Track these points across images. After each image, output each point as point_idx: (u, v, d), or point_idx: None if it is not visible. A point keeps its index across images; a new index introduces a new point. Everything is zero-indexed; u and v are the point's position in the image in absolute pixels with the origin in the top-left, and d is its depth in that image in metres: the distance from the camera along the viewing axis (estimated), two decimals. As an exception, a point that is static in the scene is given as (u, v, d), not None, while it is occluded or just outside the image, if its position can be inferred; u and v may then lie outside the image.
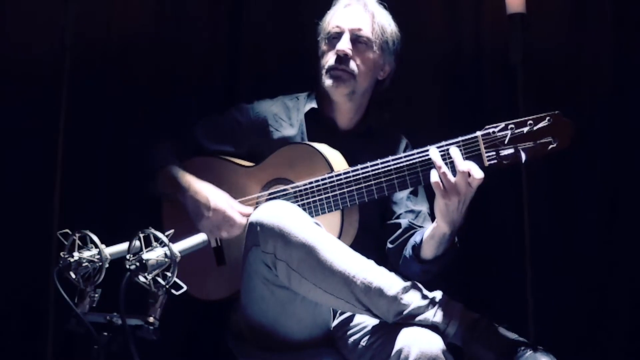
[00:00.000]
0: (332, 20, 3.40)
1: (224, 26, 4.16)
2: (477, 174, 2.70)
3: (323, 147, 3.16)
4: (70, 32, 3.67)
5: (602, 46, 4.18)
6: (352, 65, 3.30)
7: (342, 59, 3.29)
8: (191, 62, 4.09)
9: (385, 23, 3.43)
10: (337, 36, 3.34)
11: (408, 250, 3.11)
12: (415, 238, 3.10)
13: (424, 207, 3.35)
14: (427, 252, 2.99)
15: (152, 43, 4.07)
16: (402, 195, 3.34)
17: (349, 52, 3.30)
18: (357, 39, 3.33)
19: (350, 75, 3.29)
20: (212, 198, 3.16)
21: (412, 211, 3.30)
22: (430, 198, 3.07)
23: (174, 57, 4.09)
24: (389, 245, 3.28)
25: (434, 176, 2.75)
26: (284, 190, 3.14)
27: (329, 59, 3.32)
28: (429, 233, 2.96)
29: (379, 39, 3.38)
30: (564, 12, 4.24)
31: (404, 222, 3.27)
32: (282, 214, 2.75)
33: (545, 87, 4.08)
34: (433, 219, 2.92)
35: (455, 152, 2.76)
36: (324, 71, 3.33)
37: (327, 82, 3.30)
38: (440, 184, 2.73)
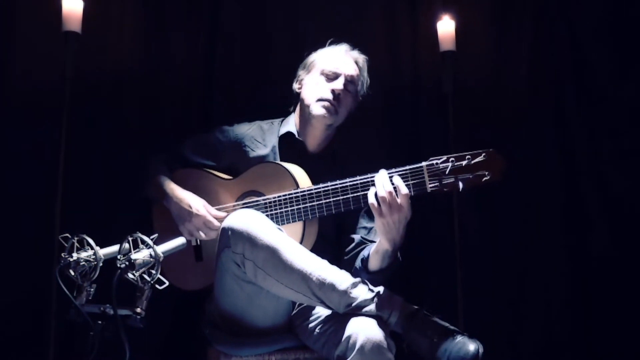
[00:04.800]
0: (332, 61, 3.40)
1: (200, 63, 4.17)
2: (403, 190, 2.74)
3: (291, 167, 3.17)
4: (70, 66, 3.66)
5: (520, 81, 4.26)
6: (341, 105, 3.33)
7: (335, 95, 3.30)
8: (172, 93, 4.10)
9: (366, 81, 3.48)
10: (334, 76, 3.35)
11: (358, 263, 3.11)
12: (364, 252, 3.09)
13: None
14: (373, 265, 2.98)
15: (140, 76, 4.07)
16: (357, 213, 3.34)
17: (342, 93, 3.32)
18: (347, 85, 3.35)
19: (335, 110, 3.30)
20: (193, 205, 3.18)
21: (365, 227, 3.29)
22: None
23: (158, 88, 4.09)
24: (344, 257, 3.27)
25: (371, 197, 2.78)
26: (256, 201, 3.14)
27: (324, 92, 3.31)
28: (375, 249, 2.96)
29: (360, 91, 3.44)
30: (488, 51, 4.30)
31: (357, 237, 3.27)
32: (250, 221, 2.77)
33: (472, 114, 4.12)
34: None
35: (382, 176, 2.80)
36: (315, 99, 3.32)
37: (319, 110, 3.29)
38: (375, 204, 2.76)
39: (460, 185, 2.73)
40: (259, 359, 2.92)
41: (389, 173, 2.82)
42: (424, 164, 2.78)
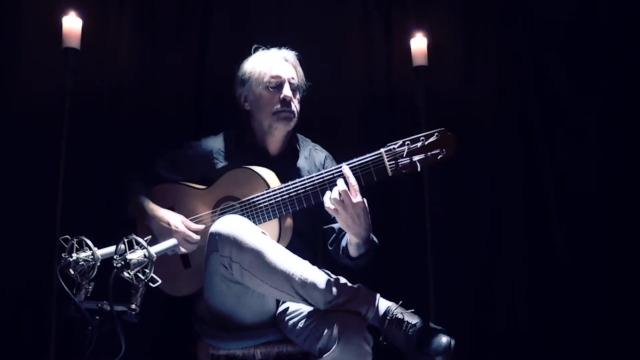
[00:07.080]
0: (270, 71, 3.35)
1: (191, 75, 4.17)
2: (352, 181, 2.79)
3: (260, 169, 3.17)
4: (70, 80, 3.66)
5: (487, 93, 4.33)
6: (293, 106, 3.32)
7: (287, 103, 3.29)
8: (166, 102, 4.10)
9: (303, 74, 3.46)
10: (278, 84, 3.32)
11: (340, 251, 3.16)
12: (343, 242, 3.15)
13: None
14: (353, 253, 3.03)
15: (135, 87, 4.08)
16: None
17: (292, 97, 3.32)
18: (291, 86, 3.35)
19: (293, 115, 3.31)
20: (172, 222, 3.18)
21: None
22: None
23: (153, 98, 4.09)
24: (329, 247, 3.30)
25: (327, 202, 2.83)
26: (232, 205, 3.16)
27: (276, 104, 3.30)
28: (349, 240, 3.01)
29: (301, 86, 3.42)
30: (458, 66, 4.32)
31: (336, 226, 3.30)
32: (236, 226, 2.80)
33: (443, 125, 4.12)
34: None
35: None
36: (271, 114, 3.30)
37: (279, 122, 3.29)
38: (332, 207, 2.81)
39: (419, 165, 2.76)
40: (244, 352, 2.94)
41: (349, 164, 2.87)
42: (382, 150, 2.83)
